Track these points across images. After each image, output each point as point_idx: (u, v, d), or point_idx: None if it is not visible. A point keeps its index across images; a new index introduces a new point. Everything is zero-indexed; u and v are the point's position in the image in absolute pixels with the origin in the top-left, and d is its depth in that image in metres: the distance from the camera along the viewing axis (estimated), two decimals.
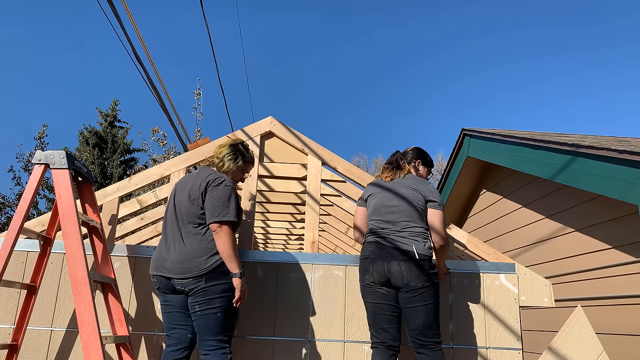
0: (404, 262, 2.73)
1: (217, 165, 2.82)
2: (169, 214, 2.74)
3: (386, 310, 2.78)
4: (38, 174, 2.74)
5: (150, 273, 2.70)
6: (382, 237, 2.85)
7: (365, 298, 2.87)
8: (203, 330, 2.56)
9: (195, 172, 2.83)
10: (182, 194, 2.71)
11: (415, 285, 2.71)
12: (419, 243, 2.79)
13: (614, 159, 3.56)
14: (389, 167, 3.11)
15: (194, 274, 2.54)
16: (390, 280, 2.75)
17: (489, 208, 6.30)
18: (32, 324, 2.96)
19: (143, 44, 3.39)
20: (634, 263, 3.79)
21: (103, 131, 18.51)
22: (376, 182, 3.09)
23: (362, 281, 2.88)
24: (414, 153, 3.19)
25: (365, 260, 2.86)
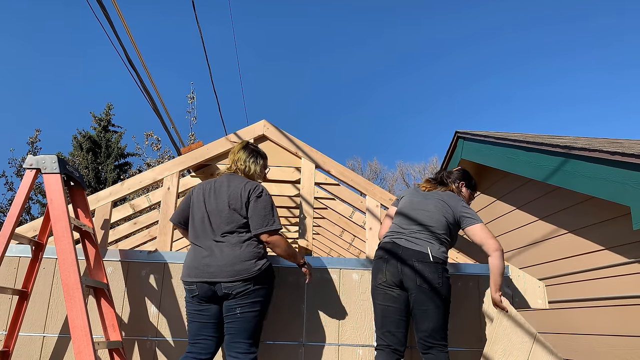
0: (417, 263, 2.74)
1: (244, 170, 2.86)
2: (198, 221, 2.72)
3: (395, 313, 2.78)
4: (29, 179, 2.73)
5: (186, 281, 2.65)
6: (398, 238, 2.87)
7: (376, 299, 2.87)
8: (237, 332, 2.59)
9: (223, 180, 2.81)
10: (215, 202, 2.72)
11: (428, 287, 2.72)
12: (434, 245, 2.81)
13: (606, 160, 3.57)
14: (432, 181, 3.16)
15: (244, 276, 2.58)
16: (402, 281, 2.76)
17: (483, 210, 6.31)
18: (24, 330, 2.94)
19: (135, 47, 3.38)
20: (628, 264, 3.80)
21: (97, 135, 18.45)
22: (413, 188, 3.14)
23: (374, 281, 2.89)
24: (459, 174, 3.21)
25: (379, 261, 2.88)
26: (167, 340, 3.02)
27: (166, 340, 3.02)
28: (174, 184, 3.31)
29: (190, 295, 2.66)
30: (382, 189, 3.46)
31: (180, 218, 2.84)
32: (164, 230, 3.23)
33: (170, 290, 3.09)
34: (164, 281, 3.10)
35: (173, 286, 3.09)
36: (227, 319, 2.62)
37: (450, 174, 3.18)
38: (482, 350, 3.03)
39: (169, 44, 44.37)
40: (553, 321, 4.71)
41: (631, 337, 3.74)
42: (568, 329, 4.49)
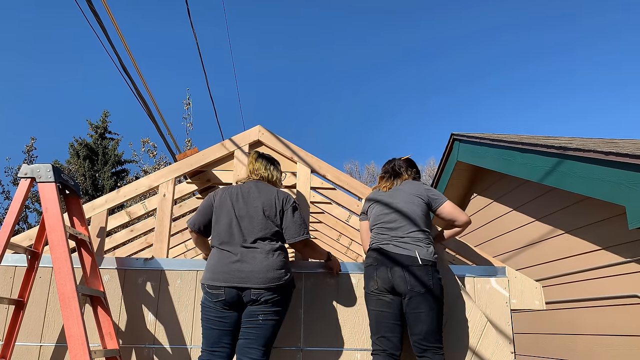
0: (407, 267, 2.75)
1: (267, 177, 2.94)
2: (225, 225, 2.72)
3: (389, 318, 2.78)
4: (24, 188, 2.72)
5: (212, 285, 2.63)
6: (384, 244, 2.87)
7: (369, 305, 2.87)
8: (255, 338, 2.60)
9: (251, 186, 2.84)
10: (246, 207, 2.75)
11: (420, 290, 2.72)
12: (421, 249, 2.81)
13: (600, 160, 3.59)
14: (386, 176, 3.15)
15: (275, 284, 2.62)
16: (394, 286, 2.76)
17: (480, 212, 6.32)
18: (21, 339, 2.93)
19: (129, 52, 3.38)
20: (624, 264, 3.81)
21: (93, 143, 18.43)
22: (374, 194, 3.13)
23: (366, 288, 2.89)
24: (409, 162, 3.23)
25: (368, 268, 2.88)
26: (165, 348, 3.01)
27: (164, 348, 3.01)
28: (170, 191, 3.31)
29: (213, 300, 2.63)
30: None
31: (200, 223, 2.82)
32: (160, 237, 3.22)
33: (168, 297, 3.08)
34: (160, 288, 3.09)
35: (170, 293, 3.08)
36: (247, 324, 2.63)
37: (401, 163, 3.18)
38: (476, 352, 3.03)
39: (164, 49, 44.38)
40: (550, 322, 4.71)
41: (628, 337, 3.75)
42: (565, 329, 4.49)
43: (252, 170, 2.96)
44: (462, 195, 6.86)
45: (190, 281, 3.10)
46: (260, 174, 2.93)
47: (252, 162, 2.97)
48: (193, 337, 3.01)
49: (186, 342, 3.01)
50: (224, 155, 3.44)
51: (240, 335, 2.65)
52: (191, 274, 3.11)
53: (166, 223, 3.24)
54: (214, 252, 2.74)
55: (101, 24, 3.34)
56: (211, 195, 2.88)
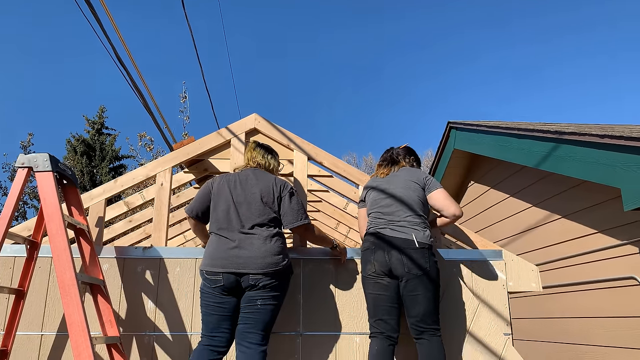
0: (404, 250, 2.77)
1: (265, 165, 2.96)
2: (223, 211, 2.74)
3: (387, 301, 2.81)
4: (22, 178, 2.73)
5: (210, 271, 2.65)
6: (381, 228, 2.90)
7: (367, 289, 2.89)
8: (254, 323, 2.63)
9: (249, 173, 2.87)
10: (244, 194, 2.77)
11: (416, 273, 2.75)
12: (418, 232, 2.84)
13: (595, 144, 3.60)
14: (384, 163, 3.18)
15: (273, 269, 2.63)
16: (391, 269, 2.79)
17: (477, 199, 6.35)
18: (22, 329, 2.94)
19: (123, 42, 3.38)
20: (620, 246, 3.84)
21: (91, 139, 18.39)
22: (371, 181, 3.16)
23: (363, 272, 2.92)
24: (407, 150, 3.26)
25: (366, 252, 2.91)
26: (165, 335, 3.03)
27: (164, 335, 3.03)
28: (167, 180, 3.32)
29: (212, 286, 2.65)
30: None
31: (198, 209, 2.85)
32: (158, 226, 3.24)
33: (167, 285, 3.10)
34: (160, 276, 3.11)
35: (169, 281, 3.10)
36: (246, 309, 2.65)
37: (399, 151, 3.21)
38: (474, 335, 3.06)
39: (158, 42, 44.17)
40: (548, 306, 4.75)
41: (625, 318, 3.78)
42: (563, 313, 4.53)
43: (250, 158, 2.98)
44: (459, 183, 6.89)
45: (189, 269, 3.12)
46: (258, 161, 2.96)
47: (250, 151, 3.00)
48: (193, 324, 3.04)
49: (186, 328, 3.04)
50: (220, 143, 3.45)
51: (239, 320, 2.67)
52: (190, 262, 3.13)
53: (164, 212, 3.26)
54: (212, 239, 2.76)
55: (95, 15, 3.34)
56: (209, 182, 2.89)
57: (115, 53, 3.64)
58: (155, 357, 2.99)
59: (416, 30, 50.26)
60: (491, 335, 3.02)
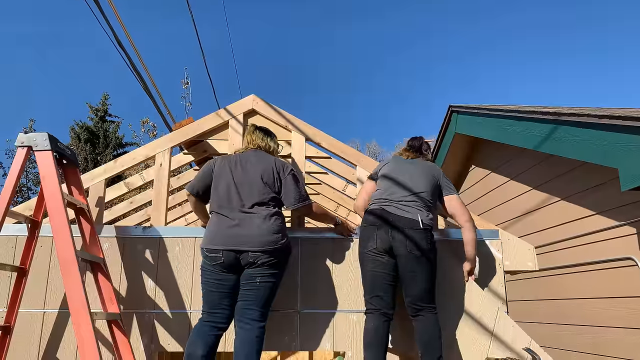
0: (408, 230, 2.81)
1: (265, 147, 3.01)
2: (223, 191, 2.79)
3: (385, 279, 2.85)
4: (21, 157, 2.76)
5: (211, 248, 2.70)
6: (387, 205, 2.92)
7: (365, 265, 2.91)
8: (253, 300, 2.68)
9: (249, 154, 2.92)
10: (244, 174, 2.81)
11: (418, 253, 2.79)
12: (422, 212, 2.88)
13: (594, 124, 3.60)
14: (412, 149, 3.21)
15: (272, 247, 2.68)
16: (392, 247, 2.82)
17: (479, 183, 6.35)
18: (24, 306, 2.99)
19: (122, 25, 3.39)
20: (618, 227, 3.85)
21: (94, 126, 18.48)
22: (392, 159, 3.19)
23: (363, 248, 2.92)
24: (429, 146, 3.32)
25: (369, 228, 2.91)
26: (165, 313, 3.08)
27: (164, 313, 3.08)
28: (166, 160, 3.35)
29: (212, 263, 2.70)
30: (372, 159, 3.49)
31: (199, 188, 2.90)
32: (158, 206, 3.27)
33: (167, 264, 3.14)
34: (159, 255, 3.15)
35: (169, 260, 3.14)
36: (245, 286, 2.70)
37: (427, 144, 3.26)
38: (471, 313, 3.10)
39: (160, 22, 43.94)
40: (548, 287, 4.77)
41: (624, 298, 3.81)
42: (562, 294, 4.56)
43: (250, 141, 3.03)
44: (460, 166, 6.89)
45: (189, 248, 3.16)
46: (257, 143, 3.00)
47: (250, 134, 3.05)
48: (193, 302, 3.08)
49: (186, 306, 3.08)
50: (219, 124, 3.47)
51: (239, 297, 2.72)
52: (190, 241, 3.17)
53: (163, 192, 3.29)
54: (213, 218, 2.80)
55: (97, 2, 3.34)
56: (211, 162, 2.94)
57: (115, 37, 3.65)
58: (155, 334, 3.04)
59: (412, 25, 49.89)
60: (486, 312, 3.05)
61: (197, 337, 2.66)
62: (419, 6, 50.22)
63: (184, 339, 3.02)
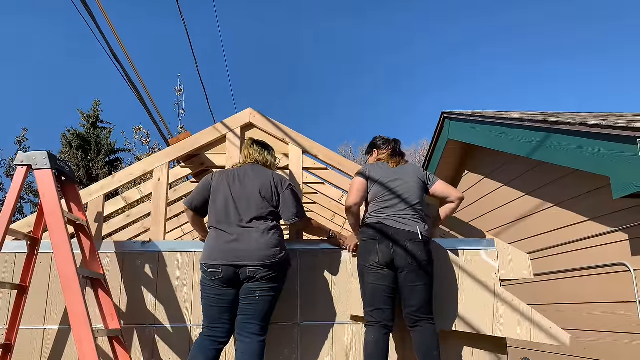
0: (408, 242, 2.86)
1: (262, 161, 3.03)
2: (221, 206, 2.80)
3: (385, 291, 2.88)
4: (21, 176, 2.77)
5: (210, 264, 2.71)
6: (385, 218, 2.95)
7: (366, 279, 2.93)
8: (253, 314, 2.70)
9: (247, 169, 2.94)
10: (242, 189, 2.83)
11: (418, 265, 2.84)
12: (420, 224, 2.94)
13: (586, 133, 3.67)
14: (397, 156, 3.23)
15: (270, 261, 2.70)
16: (394, 260, 2.85)
17: (472, 189, 6.42)
18: (25, 323, 3.00)
19: (115, 35, 3.40)
20: (610, 233, 3.92)
21: (86, 133, 18.35)
22: (380, 165, 3.18)
23: (365, 262, 2.94)
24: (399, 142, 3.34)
25: (370, 242, 2.94)
26: (166, 327, 3.09)
27: (164, 327, 3.09)
28: (164, 175, 3.37)
29: (211, 278, 2.72)
30: None
31: (197, 202, 2.91)
32: (156, 221, 3.29)
33: (166, 278, 3.15)
34: (159, 270, 3.17)
35: (169, 274, 3.16)
36: (245, 300, 2.72)
37: (398, 143, 3.31)
38: None
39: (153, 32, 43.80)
40: (542, 293, 4.83)
41: (616, 304, 3.87)
42: (555, 299, 4.62)
43: (247, 155, 3.06)
44: (454, 172, 6.95)
45: (188, 262, 3.17)
46: (255, 157, 3.03)
47: (247, 148, 3.08)
48: (193, 316, 3.10)
49: (186, 320, 3.10)
50: (216, 138, 3.49)
51: (239, 311, 2.74)
52: (188, 255, 3.19)
53: (162, 206, 3.31)
54: (212, 233, 2.82)
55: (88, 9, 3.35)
56: (209, 176, 2.96)
57: (109, 47, 3.66)
58: (156, 348, 3.06)
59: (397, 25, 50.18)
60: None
61: (198, 352, 2.69)
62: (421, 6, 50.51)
63: (184, 353, 3.03)
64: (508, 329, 3.03)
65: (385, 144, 3.29)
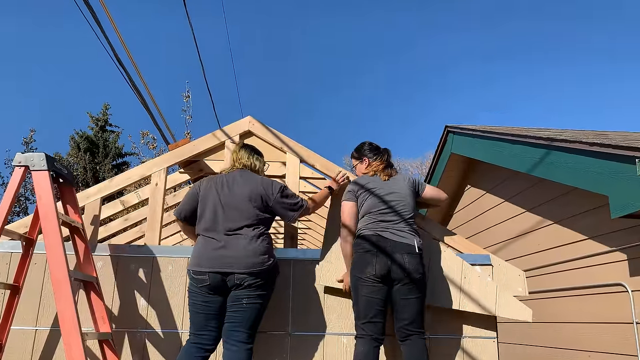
0: (406, 256, 2.85)
1: (250, 166, 3.02)
2: (210, 213, 2.80)
3: (378, 304, 2.86)
4: (18, 176, 2.80)
5: (197, 271, 2.71)
6: (382, 230, 2.94)
7: (360, 291, 2.89)
8: (240, 322, 2.69)
9: (236, 175, 2.93)
10: (231, 196, 2.83)
11: (413, 277, 2.84)
12: (416, 237, 2.94)
13: (585, 151, 3.64)
14: (384, 165, 3.19)
15: (258, 269, 2.70)
16: (390, 272, 2.84)
17: (473, 203, 6.39)
18: (16, 323, 3.01)
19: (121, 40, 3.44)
20: (608, 253, 3.88)
21: (94, 136, 18.54)
22: (372, 179, 3.13)
23: (360, 274, 2.89)
24: (390, 153, 3.30)
25: (366, 254, 2.89)
26: (157, 332, 3.10)
27: (156, 332, 3.10)
28: (162, 180, 3.39)
29: (198, 285, 2.72)
30: None
31: (186, 212, 2.92)
32: (152, 226, 3.30)
33: (159, 283, 3.16)
34: (152, 274, 3.18)
35: (162, 279, 3.17)
36: (232, 307, 2.71)
37: (389, 154, 3.27)
38: (460, 338, 3.12)
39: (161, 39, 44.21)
40: (538, 311, 4.79)
41: (614, 324, 3.82)
42: (553, 318, 4.57)
43: (236, 159, 3.04)
44: (456, 187, 6.93)
45: (181, 267, 3.18)
46: (244, 162, 3.01)
47: (236, 152, 3.07)
48: (184, 322, 3.10)
49: (177, 326, 3.10)
50: (215, 145, 3.52)
51: (226, 319, 2.74)
52: (182, 261, 3.19)
53: (158, 211, 3.32)
54: (200, 240, 2.82)
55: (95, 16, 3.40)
56: (196, 184, 2.96)
57: (114, 54, 3.71)
58: (146, 354, 3.05)
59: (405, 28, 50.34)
60: (477, 338, 3.07)
61: (184, 359, 2.68)
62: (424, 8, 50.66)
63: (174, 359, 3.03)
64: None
65: (376, 155, 3.24)
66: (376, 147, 3.29)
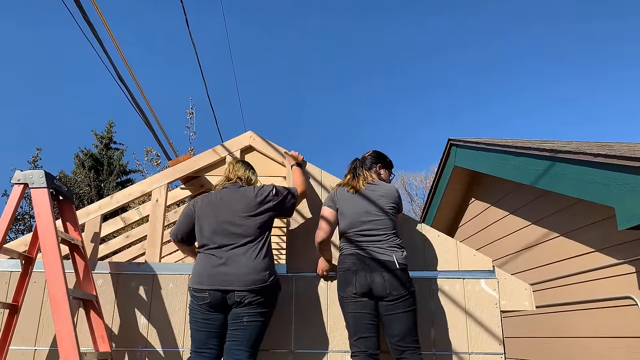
0: (385, 272, 2.78)
1: (245, 179, 3.02)
2: (208, 231, 2.78)
3: (366, 319, 2.80)
4: (17, 194, 2.78)
5: (198, 288, 2.68)
6: (361, 248, 2.88)
7: (346, 309, 2.87)
8: (241, 340, 2.64)
9: (231, 191, 2.90)
10: (228, 212, 2.80)
11: (397, 294, 2.76)
12: (397, 252, 2.85)
13: (590, 162, 3.61)
14: (354, 179, 3.07)
15: (259, 286, 2.66)
16: (372, 290, 2.78)
17: (478, 216, 6.33)
18: (15, 343, 2.97)
19: (122, 56, 3.45)
20: (616, 265, 3.81)
21: (99, 153, 18.60)
22: (344, 192, 3.04)
23: (342, 292, 2.88)
24: (373, 158, 3.19)
25: (347, 272, 2.87)
26: (157, 351, 3.04)
27: (156, 351, 3.04)
28: (162, 196, 3.36)
29: (199, 303, 2.68)
30: None
31: (182, 233, 2.90)
32: (152, 243, 3.27)
33: (160, 301, 3.12)
34: (153, 292, 3.14)
35: (162, 297, 3.12)
36: (233, 326, 2.67)
37: (363, 162, 3.15)
38: (466, 354, 3.05)
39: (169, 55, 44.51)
40: (545, 325, 4.70)
41: (623, 338, 3.74)
42: (560, 332, 4.48)
43: (230, 171, 3.04)
44: (460, 200, 6.88)
45: (182, 285, 3.14)
46: (239, 175, 3.00)
47: (233, 164, 3.08)
48: (185, 340, 3.05)
49: (178, 345, 3.05)
50: (215, 160, 3.50)
51: (227, 337, 2.69)
52: (183, 278, 3.15)
53: (159, 228, 3.29)
54: (200, 257, 2.79)
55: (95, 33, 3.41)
56: (190, 203, 2.94)
57: (115, 71, 3.71)
58: None
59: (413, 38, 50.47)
60: (483, 354, 3.00)
61: None
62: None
63: None
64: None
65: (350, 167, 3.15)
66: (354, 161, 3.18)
